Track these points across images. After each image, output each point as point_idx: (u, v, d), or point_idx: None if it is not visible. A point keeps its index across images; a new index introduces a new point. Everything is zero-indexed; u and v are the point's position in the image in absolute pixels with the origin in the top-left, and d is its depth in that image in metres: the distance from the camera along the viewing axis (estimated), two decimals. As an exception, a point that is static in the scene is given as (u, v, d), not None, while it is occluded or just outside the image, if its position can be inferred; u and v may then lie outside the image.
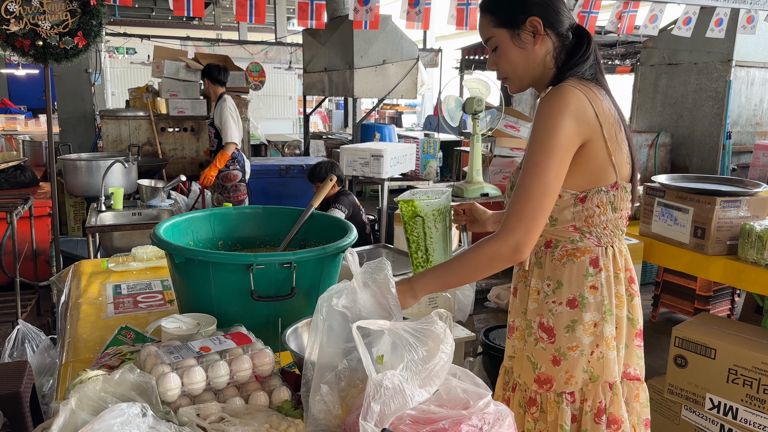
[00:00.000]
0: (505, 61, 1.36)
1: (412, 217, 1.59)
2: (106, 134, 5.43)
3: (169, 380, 1.11)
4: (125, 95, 7.52)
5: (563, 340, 1.38)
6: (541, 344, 1.41)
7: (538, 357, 1.42)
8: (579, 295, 1.37)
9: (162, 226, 1.58)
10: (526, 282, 1.47)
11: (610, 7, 4.37)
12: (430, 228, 1.60)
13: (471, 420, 0.97)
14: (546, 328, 1.40)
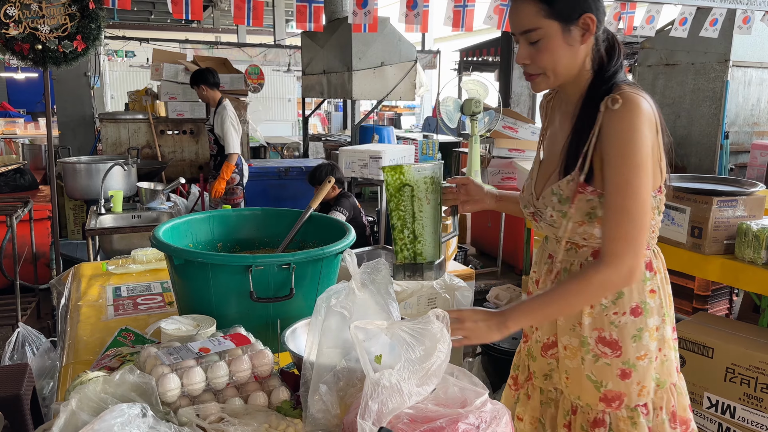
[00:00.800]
0: (549, 56, 1.24)
1: (399, 188, 1.42)
2: (105, 137, 5.44)
3: (169, 381, 1.12)
4: (124, 98, 7.53)
5: (631, 351, 1.31)
6: (603, 360, 1.33)
7: (601, 374, 1.33)
8: (641, 301, 1.32)
9: (161, 229, 1.59)
10: None
11: (607, 9, 4.39)
12: (421, 200, 1.42)
13: (468, 418, 0.98)
14: (609, 341, 1.32)
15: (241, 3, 2.98)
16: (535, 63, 1.26)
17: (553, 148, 1.40)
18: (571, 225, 1.31)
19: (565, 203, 1.30)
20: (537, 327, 1.44)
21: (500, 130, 5.32)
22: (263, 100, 12.31)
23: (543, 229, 1.42)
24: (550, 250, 1.43)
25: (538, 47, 1.24)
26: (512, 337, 2.89)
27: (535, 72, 1.28)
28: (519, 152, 5.32)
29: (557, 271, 1.39)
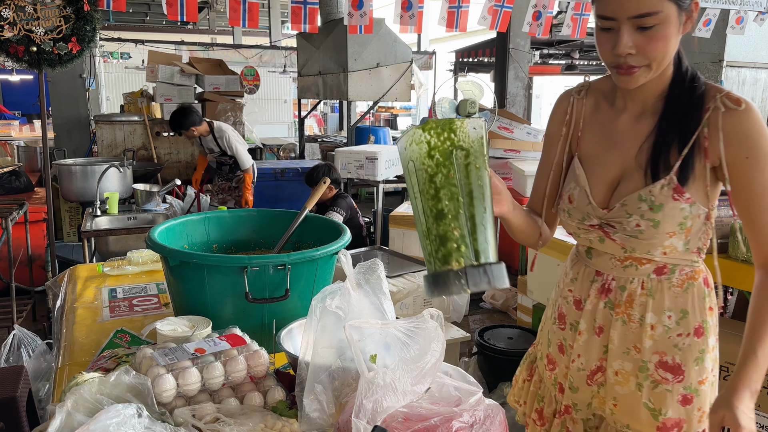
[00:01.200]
0: (663, 44, 1.08)
1: (448, 155, 0.96)
2: (101, 139, 5.44)
3: (165, 381, 1.12)
4: (120, 100, 7.53)
5: (693, 375, 1.21)
6: (664, 386, 1.22)
7: (660, 402, 1.22)
8: (703, 320, 1.21)
9: (157, 230, 1.59)
10: (627, 318, 1.23)
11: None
12: (480, 170, 0.96)
13: (462, 417, 0.98)
14: (671, 366, 1.21)
15: (237, 4, 2.98)
16: (644, 53, 1.08)
17: (608, 150, 1.24)
18: (662, 237, 1.17)
19: (658, 211, 1.16)
20: (580, 354, 1.29)
21: (496, 130, 5.35)
22: (259, 102, 12.32)
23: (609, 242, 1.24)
24: (598, 266, 1.27)
25: (650, 34, 1.07)
26: (507, 337, 2.91)
27: (639, 63, 1.10)
28: (515, 153, 5.34)
29: (613, 289, 1.25)
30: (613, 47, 1.10)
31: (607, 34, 1.11)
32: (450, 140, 0.97)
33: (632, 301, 1.23)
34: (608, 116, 1.26)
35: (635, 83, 1.13)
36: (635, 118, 1.22)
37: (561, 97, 1.37)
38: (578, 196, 1.26)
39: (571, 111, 1.31)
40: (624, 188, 1.21)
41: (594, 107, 1.30)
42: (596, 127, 1.28)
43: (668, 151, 1.16)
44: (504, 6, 3.65)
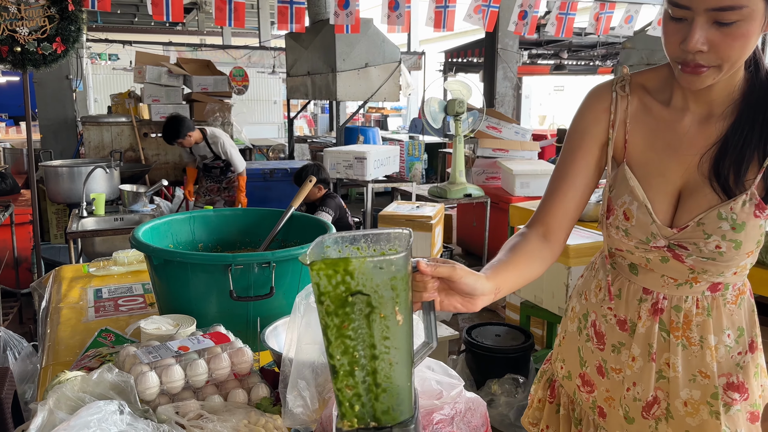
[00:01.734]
0: (741, 44, 0.94)
1: (342, 301, 0.78)
2: (88, 140, 5.41)
3: (148, 379, 1.12)
4: (108, 101, 7.49)
5: (755, 391, 1.14)
6: (735, 407, 1.13)
7: (734, 424, 1.14)
8: (755, 334, 1.15)
9: (141, 229, 1.59)
10: (686, 341, 1.12)
11: (586, 11, 4.45)
12: (386, 318, 0.80)
13: (443, 409, 0.99)
14: (736, 386, 1.13)
15: (222, 4, 2.98)
16: (717, 51, 0.94)
17: (666, 157, 1.10)
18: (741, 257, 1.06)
19: (741, 230, 1.03)
20: (635, 382, 1.17)
21: (484, 130, 5.36)
22: (248, 103, 12.29)
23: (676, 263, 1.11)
24: (645, 283, 1.15)
25: (728, 31, 0.93)
26: (495, 334, 2.93)
27: (709, 63, 0.96)
28: (503, 152, 5.37)
29: (665, 309, 1.13)
30: (683, 41, 0.95)
31: (676, 25, 0.96)
32: (345, 284, 0.78)
33: (690, 322, 1.11)
34: (664, 116, 1.10)
35: (701, 84, 0.99)
36: (701, 120, 1.07)
37: (597, 91, 1.17)
38: (638, 213, 1.10)
39: (615, 108, 1.13)
40: (694, 204, 1.06)
41: (641, 105, 1.13)
42: (647, 130, 1.12)
43: (741, 163, 1.02)
44: (491, 5, 3.67)
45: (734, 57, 0.95)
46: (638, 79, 1.14)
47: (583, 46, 9.43)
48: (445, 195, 4.73)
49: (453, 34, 11.60)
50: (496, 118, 5.51)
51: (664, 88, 1.11)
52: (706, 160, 1.04)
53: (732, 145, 1.02)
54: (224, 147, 4.53)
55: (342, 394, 0.83)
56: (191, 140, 4.41)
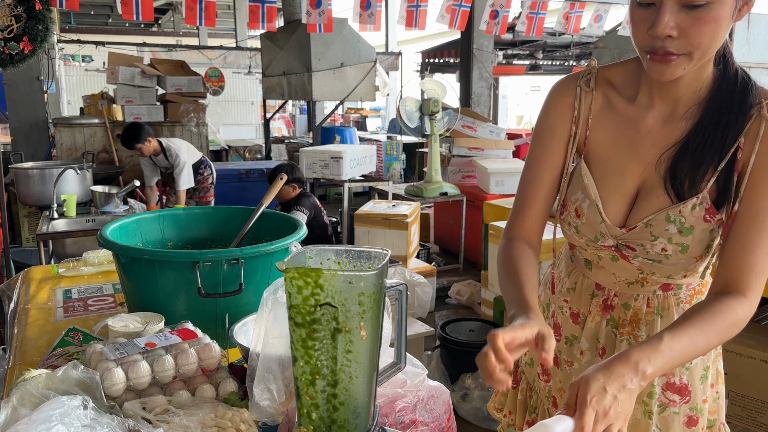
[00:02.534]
0: (712, 29, 0.89)
1: (311, 310, 0.81)
2: (60, 142, 5.33)
3: (114, 375, 1.12)
4: (81, 103, 7.38)
5: (698, 394, 1.12)
6: (671, 408, 1.12)
7: (667, 425, 1.13)
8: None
9: (109, 228, 1.58)
10: (633, 339, 1.12)
11: (557, 11, 4.51)
12: (351, 332, 0.82)
13: (406, 397, 1.01)
14: (678, 387, 1.11)
15: (193, 3, 2.97)
16: (687, 37, 0.90)
17: (626, 155, 1.07)
18: (689, 261, 1.04)
19: (688, 234, 1.01)
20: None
21: (460, 129, 5.41)
22: (225, 103, 12.22)
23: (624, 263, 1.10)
24: (598, 279, 1.15)
25: (698, 15, 0.88)
26: (469, 329, 2.96)
27: (679, 51, 0.91)
28: (478, 151, 5.42)
29: (616, 306, 1.13)
30: (651, 27, 0.90)
31: (645, 11, 0.92)
32: (314, 295, 0.80)
33: (638, 320, 1.11)
34: (628, 113, 1.07)
35: (671, 74, 0.93)
36: (665, 119, 1.03)
37: (562, 85, 1.14)
38: (588, 211, 1.08)
39: (579, 104, 1.10)
40: (647, 204, 1.04)
41: (605, 101, 1.10)
42: (610, 126, 1.08)
43: (698, 166, 0.99)
44: (462, 5, 3.71)
45: (705, 44, 0.90)
46: (605, 73, 1.11)
47: (557, 46, 9.56)
48: (421, 194, 4.76)
49: (430, 35, 11.66)
50: (471, 117, 5.56)
51: (631, 84, 1.07)
52: (664, 160, 1.01)
53: (692, 147, 0.99)
54: (181, 165, 4.46)
55: (301, 401, 0.87)
56: (150, 147, 4.37)
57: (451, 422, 1.09)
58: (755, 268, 0.95)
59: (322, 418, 0.86)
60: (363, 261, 0.89)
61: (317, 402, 0.86)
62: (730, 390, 2.28)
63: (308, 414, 0.87)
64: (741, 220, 0.97)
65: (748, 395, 2.24)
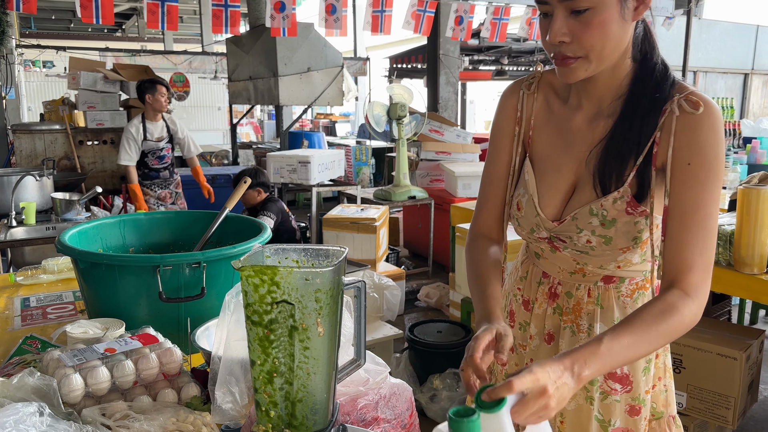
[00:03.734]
0: (599, 32, 0.95)
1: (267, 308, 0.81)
2: (19, 149, 5.20)
3: (72, 381, 1.11)
4: (42, 109, 7.21)
5: (641, 385, 1.16)
6: (613, 397, 1.16)
7: (609, 413, 1.17)
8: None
9: (68, 233, 1.56)
10: (576, 327, 1.17)
11: (518, 18, 4.60)
12: (308, 330, 0.82)
13: (368, 395, 1.02)
14: (619, 377, 1.15)
15: (155, 7, 2.94)
16: (579, 41, 0.97)
17: (562, 154, 1.13)
18: (615, 253, 1.08)
19: (610, 226, 1.06)
20: (532, 358, 1.24)
21: (427, 133, 5.46)
22: (190, 109, 12.08)
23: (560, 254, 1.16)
24: (545, 268, 1.21)
25: (584, 19, 0.95)
26: (437, 331, 2.98)
27: (575, 54, 0.98)
28: (445, 155, 5.47)
29: (560, 294, 1.19)
30: (547, 34, 0.99)
31: (545, 21, 1.01)
32: (271, 292, 0.80)
33: (580, 310, 1.16)
34: (562, 114, 1.15)
35: (573, 77, 1.01)
36: (591, 118, 1.10)
37: (509, 90, 1.22)
38: (526, 205, 1.16)
39: (522, 107, 1.18)
40: (577, 199, 1.10)
41: (546, 103, 1.17)
42: (550, 127, 1.16)
43: (621, 161, 1.04)
44: (426, 11, 3.76)
45: (597, 46, 0.97)
46: (548, 78, 1.18)
47: (522, 51, 9.71)
48: (389, 197, 4.79)
49: (399, 41, 11.73)
50: (438, 121, 5.61)
51: (567, 87, 1.15)
52: (593, 157, 1.07)
53: (614, 142, 1.05)
54: (182, 128, 4.43)
55: (260, 399, 0.88)
56: (163, 102, 4.29)
57: (413, 419, 1.10)
58: (693, 265, 0.97)
59: (281, 416, 0.87)
60: (321, 259, 0.90)
61: (275, 400, 0.86)
62: (689, 383, 2.35)
63: (266, 412, 0.88)
64: (672, 217, 1.00)
65: (705, 388, 2.31)
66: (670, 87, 1.03)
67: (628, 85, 1.06)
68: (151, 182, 4.55)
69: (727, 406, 2.26)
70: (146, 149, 4.41)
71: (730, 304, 3.39)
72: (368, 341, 3.06)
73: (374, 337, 3.10)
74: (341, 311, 0.89)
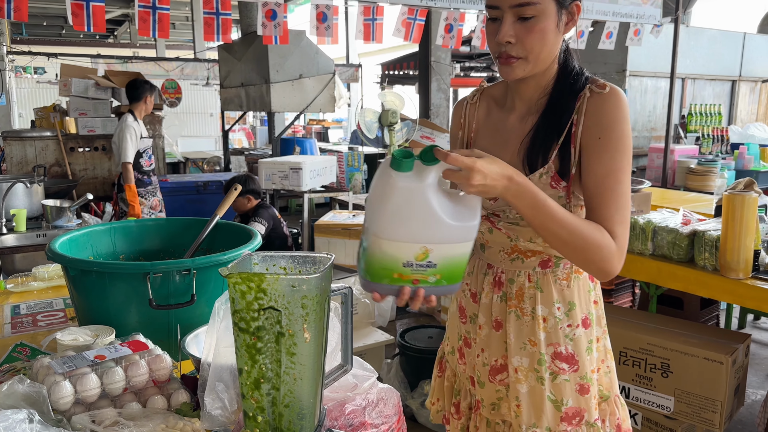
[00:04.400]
0: (540, 37, 1.13)
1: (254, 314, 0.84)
2: (9, 156, 5.18)
3: (61, 388, 1.11)
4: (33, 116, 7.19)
5: (587, 364, 1.24)
6: (562, 376, 1.24)
7: (560, 392, 1.25)
8: (588, 312, 1.26)
9: (58, 241, 1.56)
10: (519, 312, 1.27)
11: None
12: (294, 336, 0.84)
13: (355, 400, 1.04)
14: (565, 356, 1.24)
15: (146, 15, 2.94)
16: (522, 43, 1.13)
17: (497, 149, 1.25)
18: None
19: None
20: (483, 348, 1.32)
21: (418, 140, 5.48)
22: (183, 115, 12.06)
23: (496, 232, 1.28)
24: (489, 259, 1.32)
25: (528, 25, 1.13)
26: (428, 336, 3.00)
27: (518, 54, 1.15)
28: (437, 161, 5.49)
29: (504, 282, 1.28)
30: (495, 36, 1.15)
31: (493, 25, 1.17)
32: (258, 299, 0.83)
33: (522, 294, 1.26)
34: (499, 118, 1.31)
35: (514, 74, 1.17)
36: (522, 116, 1.26)
37: (457, 104, 1.44)
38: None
39: (465, 115, 1.38)
40: None
41: (487, 111, 1.35)
42: (489, 129, 1.33)
43: (546, 144, 1.19)
44: (417, 19, 3.79)
45: (536, 49, 1.14)
46: (489, 90, 1.38)
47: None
48: (381, 204, 4.80)
49: (391, 47, 11.78)
50: (430, 128, 5.64)
51: (505, 95, 1.33)
52: (522, 149, 1.23)
53: (539, 130, 1.21)
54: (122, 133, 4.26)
55: (247, 404, 0.90)
56: (150, 104, 4.32)
57: (401, 424, 1.12)
58: (614, 219, 1.13)
59: (267, 421, 0.89)
60: (308, 266, 0.92)
61: (262, 405, 0.88)
62: (676, 387, 2.38)
63: (254, 417, 0.90)
64: (587, 186, 1.16)
65: (692, 392, 2.34)
66: (584, 80, 1.20)
67: (552, 84, 1.23)
68: (144, 189, 4.52)
69: (714, 410, 2.28)
70: (141, 148, 4.39)
71: (718, 309, 3.42)
72: (359, 347, 3.07)
73: (365, 343, 3.11)
74: (328, 317, 0.90)
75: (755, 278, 2.26)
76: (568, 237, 1.08)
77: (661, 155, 5.72)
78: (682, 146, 6.10)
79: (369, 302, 3.42)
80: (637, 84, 6.46)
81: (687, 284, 2.42)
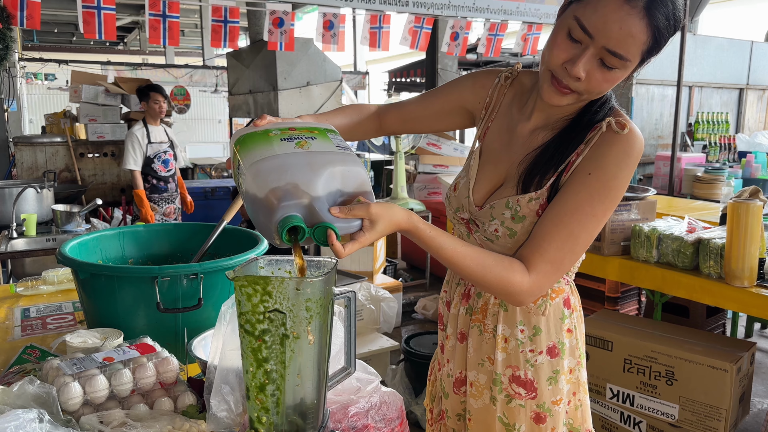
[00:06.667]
0: (609, 85, 1.04)
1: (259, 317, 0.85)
2: (20, 161, 5.24)
3: (71, 389, 1.13)
4: (44, 122, 7.28)
5: (546, 394, 1.18)
6: (517, 401, 1.18)
7: (513, 417, 1.19)
8: (558, 341, 1.18)
9: (68, 245, 1.59)
10: (482, 327, 1.22)
11: (514, 33, 4.66)
12: (299, 338, 0.85)
13: (358, 403, 1.05)
14: (523, 381, 1.18)
15: (156, 23, 2.99)
16: (589, 83, 1.03)
17: (502, 150, 1.21)
18: (515, 247, 1.14)
19: (519, 222, 1.13)
20: (449, 359, 1.29)
21: (424, 146, 5.51)
22: (191, 122, 12.16)
23: (472, 240, 1.23)
24: None
25: (606, 73, 1.02)
26: (433, 342, 3.01)
27: (576, 89, 1.04)
28: (443, 168, 5.52)
29: (472, 295, 1.24)
30: (568, 61, 1.02)
31: (570, 43, 1.02)
32: (263, 302, 0.84)
33: (486, 311, 1.21)
34: (515, 117, 1.22)
35: (559, 102, 1.07)
36: (534, 129, 1.18)
37: (487, 71, 1.30)
38: (462, 187, 1.24)
39: (493, 94, 1.26)
40: (500, 192, 1.18)
41: (510, 102, 1.24)
42: (503, 125, 1.24)
43: (545, 169, 1.12)
44: (423, 27, 3.82)
45: (597, 94, 1.06)
46: (521, 77, 1.26)
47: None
48: (387, 210, 4.82)
49: (398, 55, 11.82)
50: (436, 135, 5.67)
51: (530, 91, 1.22)
52: (524, 162, 1.15)
53: (544, 153, 1.13)
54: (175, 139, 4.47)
55: (252, 406, 0.91)
56: (156, 109, 4.37)
57: (403, 427, 1.13)
58: (546, 255, 1.06)
59: (272, 423, 0.90)
60: (313, 269, 0.94)
61: (267, 406, 0.89)
62: (680, 395, 2.37)
63: (258, 418, 0.91)
64: (550, 209, 1.08)
65: (697, 400, 2.33)
66: (608, 110, 1.11)
67: (578, 111, 1.14)
68: (159, 196, 4.57)
69: (719, 418, 2.28)
70: (151, 153, 4.47)
71: (724, 317, 3.41)
72: (364, 353, 3.08)
73: (371, 348, 3.12)
74: (332, 320, 0.92)
75: (760, 286, 2.26)
76: (470, 273, 1.03)
77: (667, 163, 5.70)
78: (689, 154, 6.09)
79: (374, 308, 3.43)
80: (644, 92, 6.46)
81: (692, 292, 2.42)
